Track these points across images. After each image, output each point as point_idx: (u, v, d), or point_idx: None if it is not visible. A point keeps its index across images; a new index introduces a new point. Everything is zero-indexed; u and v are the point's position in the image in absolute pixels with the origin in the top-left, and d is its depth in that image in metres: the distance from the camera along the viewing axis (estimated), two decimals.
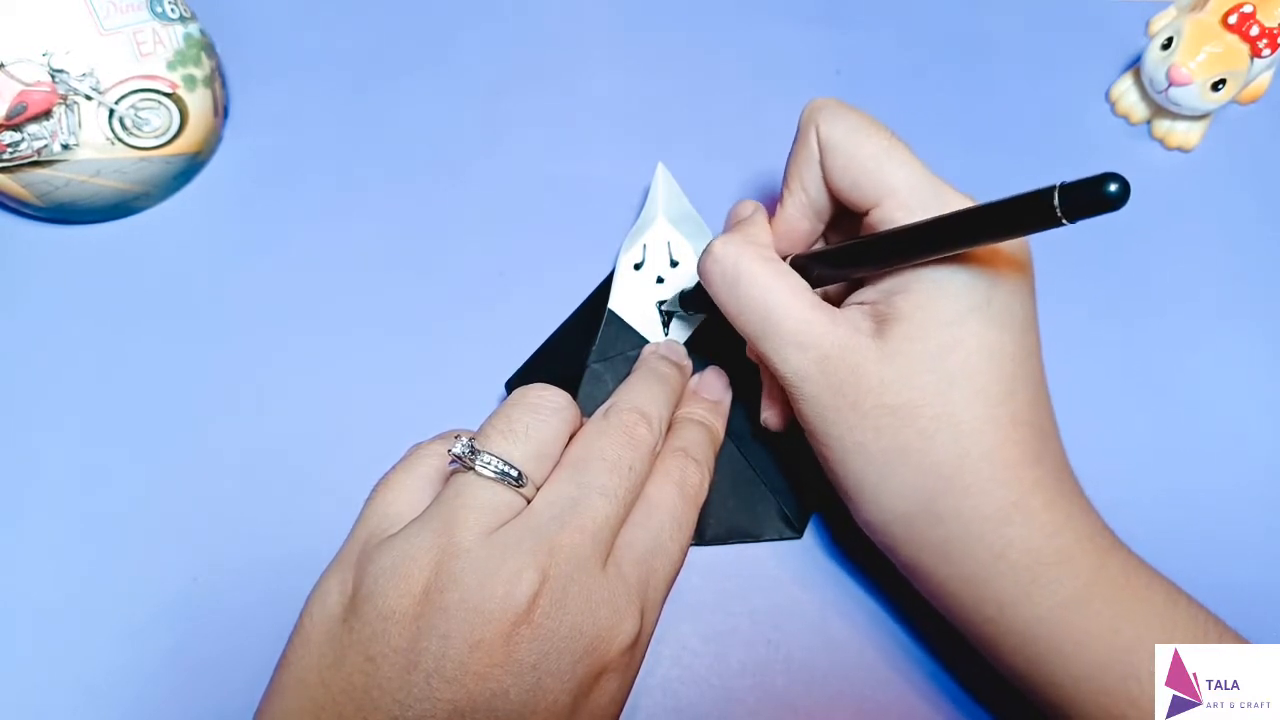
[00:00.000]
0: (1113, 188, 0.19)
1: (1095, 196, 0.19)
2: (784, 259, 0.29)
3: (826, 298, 0.28)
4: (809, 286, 0.28)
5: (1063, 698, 0.26)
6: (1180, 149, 0.43)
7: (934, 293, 0.26)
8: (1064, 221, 0.20)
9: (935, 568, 0.27)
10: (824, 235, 0.32)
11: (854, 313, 0.27)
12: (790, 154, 0.30)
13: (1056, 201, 0.20)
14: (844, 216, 0.30)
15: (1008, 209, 0.22)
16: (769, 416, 0.32)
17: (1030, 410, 0.26)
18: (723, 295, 0.28)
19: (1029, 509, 0.26)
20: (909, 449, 0.26)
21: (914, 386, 0.26)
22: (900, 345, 0.26)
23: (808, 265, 0.29)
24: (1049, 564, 0.25)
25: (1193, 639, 0.25)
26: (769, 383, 0.32)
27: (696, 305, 0.34)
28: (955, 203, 0.26)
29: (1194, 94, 0.40)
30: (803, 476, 0.35)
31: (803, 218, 0.30)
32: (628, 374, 0.33)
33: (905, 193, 0.26)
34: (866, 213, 0.28)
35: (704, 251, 0.29)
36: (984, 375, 0.25)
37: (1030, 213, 0.21)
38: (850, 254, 0.28)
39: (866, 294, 0.28)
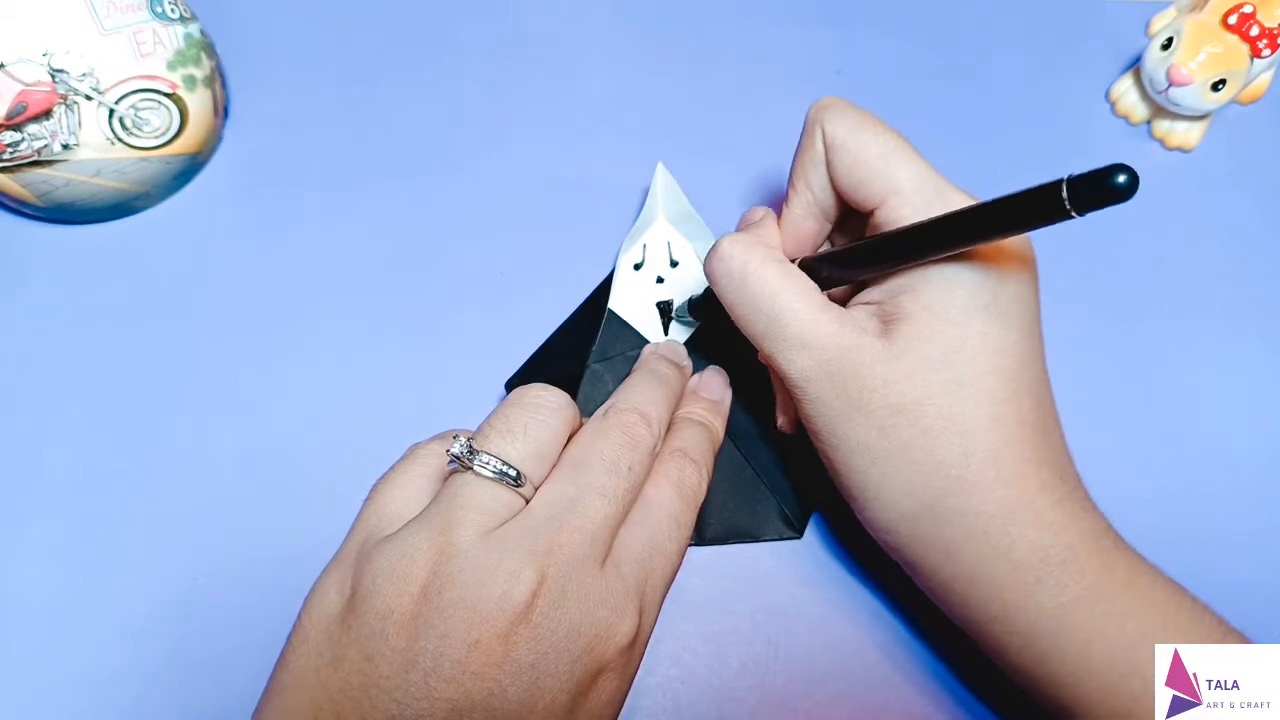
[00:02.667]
0: (1121, 179, 0.19)
1: (1104, 188, 0.19)
2: (792, 261, 0.29)
3: (834, 299, 0.28)
4: (817, 288, 0.28)
5: (1066, 696, 0.26)
6: (1180, 149, 0.43)
7: (939, 292, 0.26)
8: (1073, 214, 0.20)
9: (939, 567, 0.27)
10: (830, 237, 0.32)
11: (860, 313, 0.27)
12: (796, 153, 0.30)
13: (1065, 194, 0.20)
14: (851, 217, 0.30)
15: (1016, 203, 0.22)
16: (784, 422, 0.32)
17: (1035, 410, 0.26)
18: (730, 295, 0.28)
19: (1034, 508, 0.26)
20: (914, 448, 0.26)
21: (919, 386, 0.26)
22: (906, 345, 0.26)
23: (815, 267, 0.29)
24: (1054, 563, 0.25)
25: (1196, 638, 0.25)
26: (780, 385, 0.32)
27: (704, 314, 0.34)
28: (959, 201, 0.26)
29: (1194, 94, 0.40)
30: (803, 476, 0.35)
31: (809, 217, 0.30)
32: (628, 374, 0.33)
33: (910, 192, 0.26)
34: (872, 212, 0.28)
35: (711, 251, 0.29)
36: (990, 375, 0.25)
37: (1039, 206, 0.21)
38: (857, 255, 0.27)
39: (872, 294, 0.28)
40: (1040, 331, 0.27)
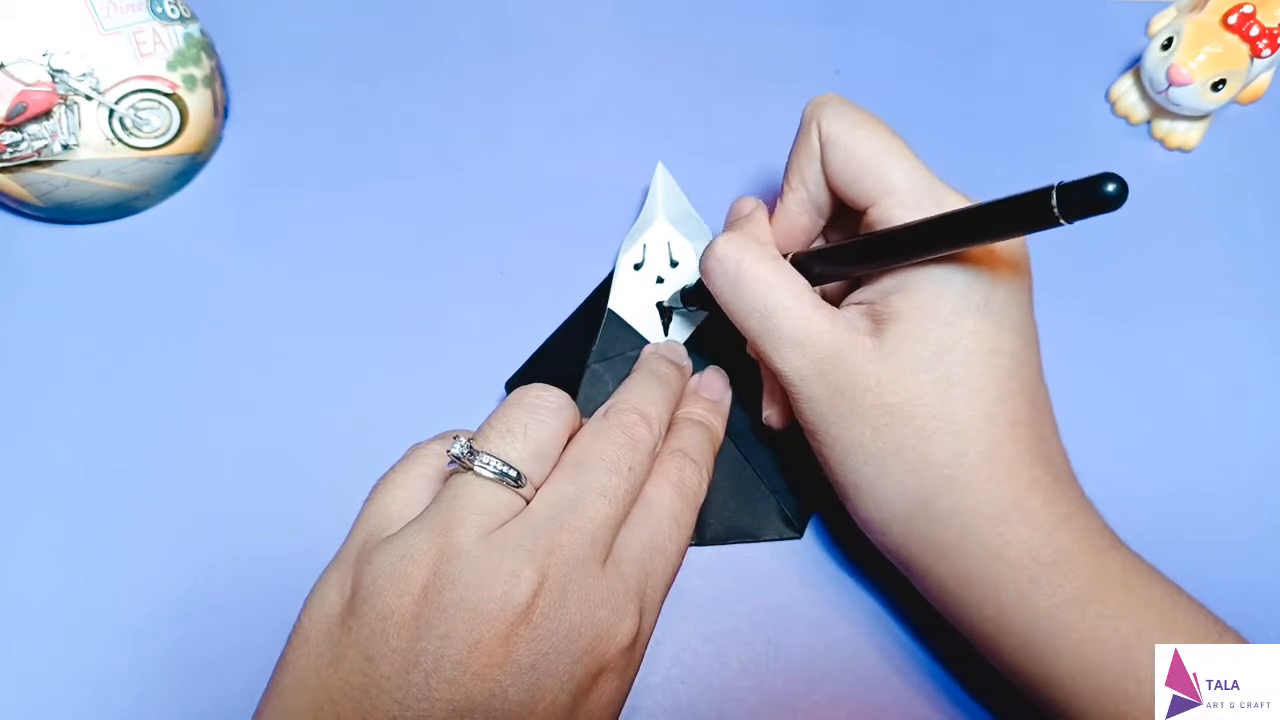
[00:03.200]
0: (1110, 188, 0.19)
1: (1093, 196, 0.19)
2: (784, 256, 0.29)
3: (826, 298, 0.28)
4: (809, 285, 0.28)
5: (1061, 696, 0.26)
6: (1180, 149, 0.43)
7: (932, 292, 0.26)
8: (1062, 221, 0.20)
9: (933, 567, 0.27)
10: (823, 234, 0.32)
11: (852, 312, 0.27)
12: (791, 150, 0.30)
13: (1054, 201, 0.20)
14: (844, 214, 0.30)
15: (1005, 209, 0.22)
16: (770, 415, 0.32)
17: (1028, 410, 0.26)
18: (724, 293, 0.29)
19: (1027, 508, 0.26)
20: (907, 448, 0.26)
21: (911, 385, 0.26)
22: (898, 345, 0.26)
23: (807, 263, 0.29)
24: (1047, 563, 0.25)
25: (1192, 638, 0.25)
26: (770, 381, 0.32)
27: (698, 302, 0.34)
28: (952, 202, 0.26)
29: (1194, 94, 0.40)
30: (803, 476, 0.35)
31: (802, 214, 0.30)
32: (628, 374, 0.33)
33: (903, 191, 0.27)
34: (865, 210, 0.28)
35: (706, 249, 0.29)
36: (982, 375, 0.26)
37: (1028, 212, 0.21)
38: (849, 252, 0.28)
39: (865, 293, 0.28)
40: (1034, 331, 0.27)
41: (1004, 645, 0.27)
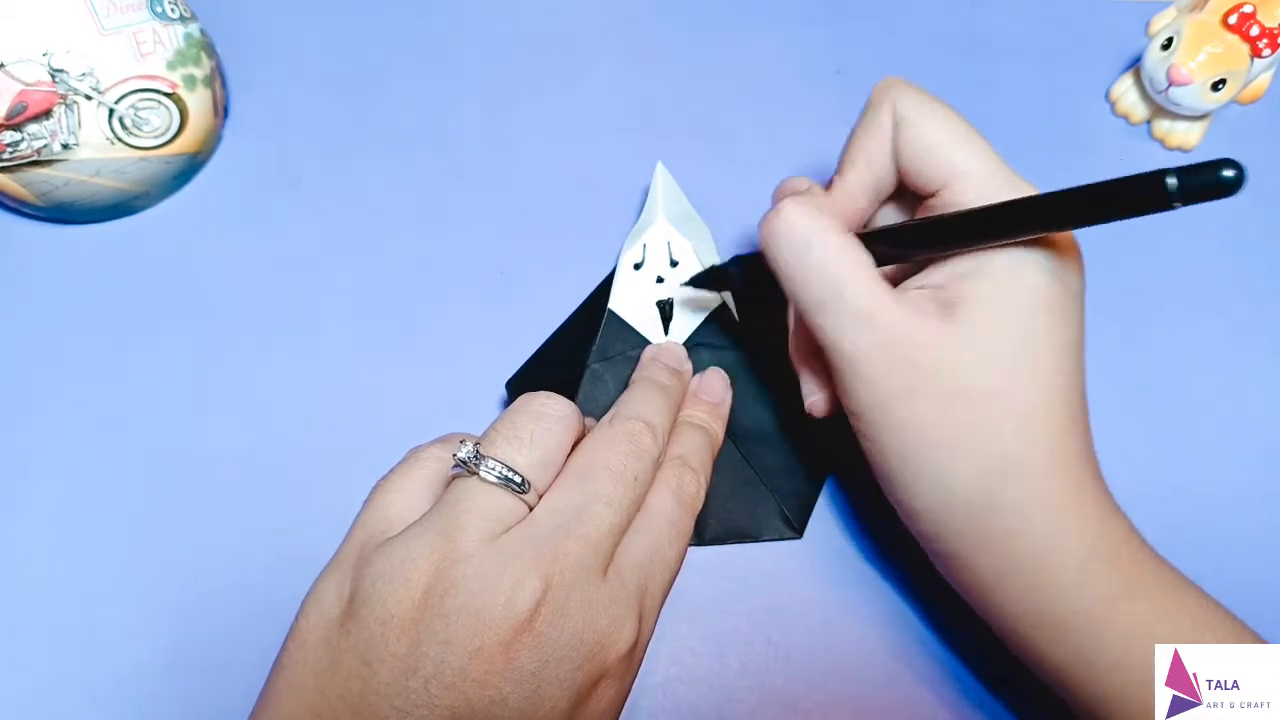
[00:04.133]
0: (1229, 173, 0.19)
1: (1211, 181, 0.19)
2: None
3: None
4: (874, 263, 0.27)
5: (1097, 693, 0.26)
6: (1180, 149, 0.43)
7: (1007, 281, 0.25)
8: (1175, 205, 0.20)
9: (975, 558, 0.27)
10: (867, 221, 0.31)
11: (915, 296, 0.27)
12: (856, 130, 0.29)
13: (1175, 185, 0.20)
14: (895, 198, 0.30)
15: (1113, 191, 0.22)
16: (816, 402, 0.31)
17: (1081, 407, 0.26)
18: (789, 263, 0.27)
19: (1080, 503, 0.26)
20: (975, 434, 0.25)
21: (983, 373, 0.25)
22: (971, 331, 0.25)
23: (870, 243, 0.27)
24: (1097, 558, 0.26)
25: (1225, 640, 0.26)
26: (814, 363, 0.31)
27: (716, 285, 0.34)
28: (1025, 189, 0.26)
29: (1194, 94, 0.40)
30: (803, 477, 0.35)
31: (861, 195, 0.29)
32: (628, 374, 0.33)
33: (979, 175, 0.26)
34: (930, 195, 0.27)
35: (771, 214, 0.27)
36: (1051, 369, 0.26)
37: (1137, 196, 0.21)
38: (926, 231, 0.27)
39: (930, 277, 0.27)
40: (1084, 331, 0.27)
41: (1040, 639, 0.27)
